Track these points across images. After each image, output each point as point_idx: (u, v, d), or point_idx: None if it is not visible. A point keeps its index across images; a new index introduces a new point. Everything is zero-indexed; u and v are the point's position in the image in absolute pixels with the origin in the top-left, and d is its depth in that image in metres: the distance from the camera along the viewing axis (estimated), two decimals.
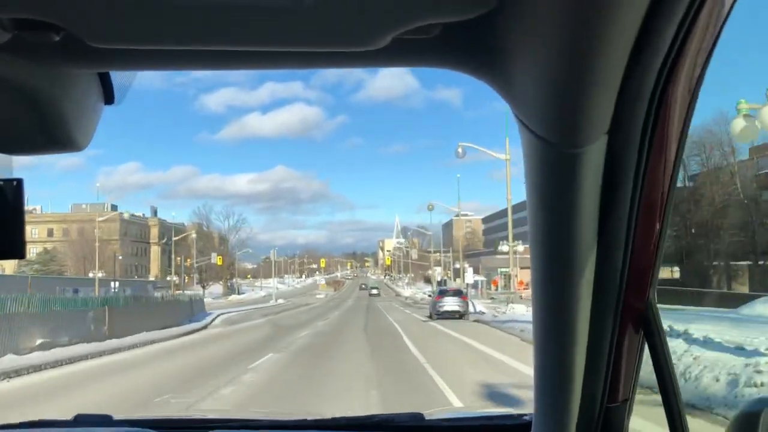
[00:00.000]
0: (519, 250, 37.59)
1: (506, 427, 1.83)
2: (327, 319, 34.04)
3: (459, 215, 43.85)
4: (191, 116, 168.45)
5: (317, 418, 2.08)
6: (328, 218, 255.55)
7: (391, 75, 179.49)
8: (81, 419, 1.98)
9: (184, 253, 77.36)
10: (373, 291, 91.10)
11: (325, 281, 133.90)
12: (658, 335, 1.11)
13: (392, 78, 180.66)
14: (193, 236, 77.56)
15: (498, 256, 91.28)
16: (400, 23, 0.74)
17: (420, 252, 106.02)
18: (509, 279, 77.52)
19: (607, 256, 1.03)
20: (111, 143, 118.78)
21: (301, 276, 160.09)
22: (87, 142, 0.97)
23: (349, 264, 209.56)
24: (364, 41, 0.77)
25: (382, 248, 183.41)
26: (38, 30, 0.75)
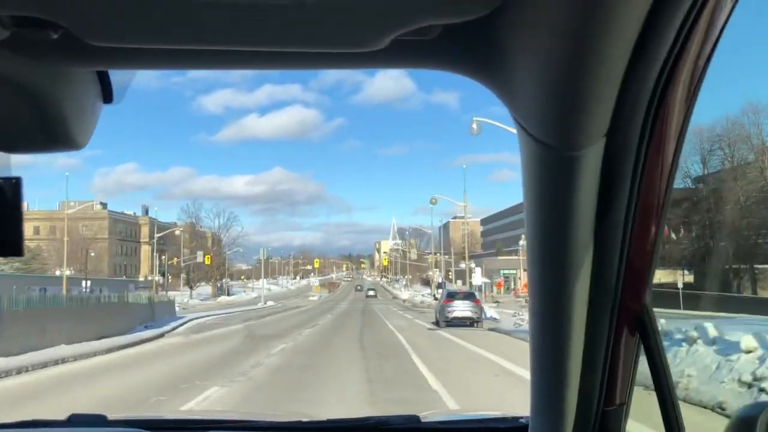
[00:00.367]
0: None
1: (502, 430, 1.85)
2: (315, 326, 29.17)
3: (465, 207, 39.94)
4: (188, 117, 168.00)
5: (313, 420, 2.13)
6: (325, 220, 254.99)
7: (389, 77, 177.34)
8: (75, 419, 2.00)
9: (175, 253, 73.47)
10: (370, 292, 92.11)
11: (319, 283, 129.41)
12: (654, 338, 1.10)
13: (389, 80, 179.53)
14: (177, 233, 73.40)
15: (500, 258, 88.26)
16: (400, 24, 0.73)
17: (418, 252, 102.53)
18: (513, 282, 74.32)
19: (604, 259, 1.03)
20: (108, 143, 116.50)
21: (296, 277, 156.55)
22: (85, 141, 0.96)
23: (345, 266, 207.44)
24: (364, 42, 0.77)
25: (378, 250, 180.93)
26: (37, 28, 0.74)
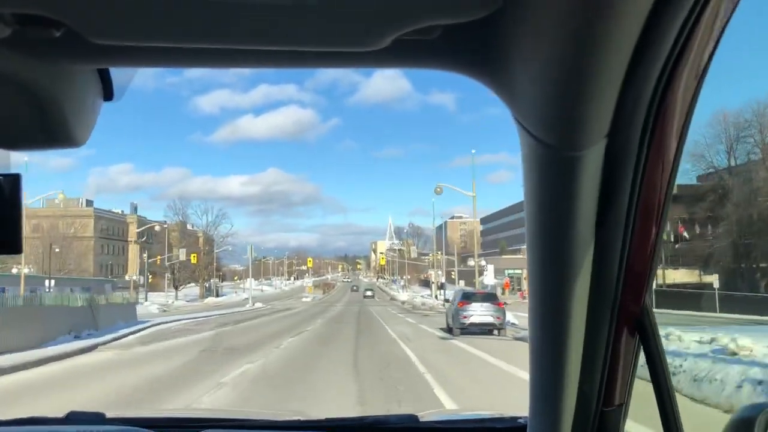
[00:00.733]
0: None
1: (500, 430, 1.85)
2: (300, 334, 23.99)
3: (474, 197, 35.62)
4: (184, 117, 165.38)
5: (310, 419, 2.11)
6: (320, 221, 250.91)
7: (385, 78, 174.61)
8: (73, 417, 2.00)
9: (160, 251, 68.74)
10: (368, 293, 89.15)
11: (313, 284, 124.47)
12: (654, 339, 1.10)
13: (386, 81, 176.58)
14: (157, 229, 68.58)
15: (505, 257, 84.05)
16: (402, 24, 0.74)
17: (417, 251, 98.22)
18: (519, 282, 70.07)
19: (604, 260, 1.03)
20: (103, 143, 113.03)
21: (290, 278, 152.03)
22: (85, 139, 0.96)
23: (341, 267, 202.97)
24: (365, 42, 0.77)
25: (375, 250, 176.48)
26: (38, 25, 0.74)
